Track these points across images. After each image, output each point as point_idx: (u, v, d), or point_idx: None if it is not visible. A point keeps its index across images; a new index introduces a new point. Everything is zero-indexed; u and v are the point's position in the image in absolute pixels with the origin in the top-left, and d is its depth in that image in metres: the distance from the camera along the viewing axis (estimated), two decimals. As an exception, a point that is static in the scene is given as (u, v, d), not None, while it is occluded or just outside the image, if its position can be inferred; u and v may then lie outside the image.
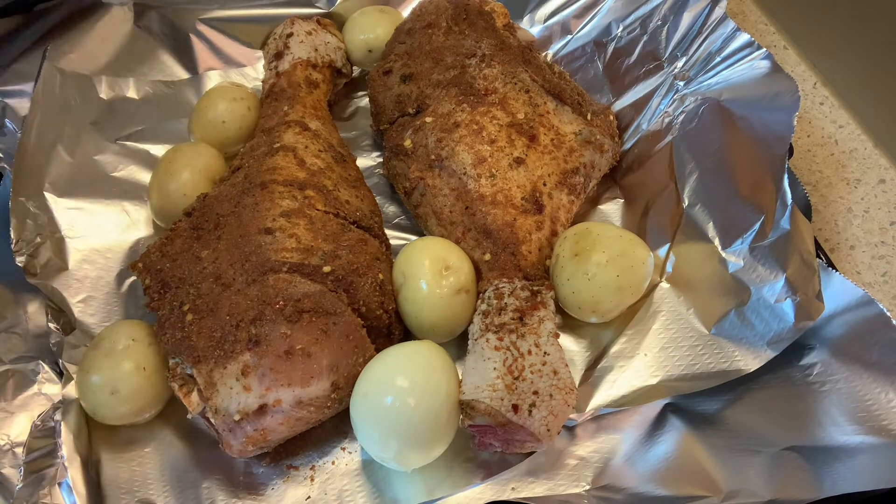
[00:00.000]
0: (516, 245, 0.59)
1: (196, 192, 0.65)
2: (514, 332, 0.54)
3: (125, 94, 0.78)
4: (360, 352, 0.54)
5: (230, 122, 0.71)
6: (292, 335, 0.52)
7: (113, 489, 0.55)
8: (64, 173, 0.70)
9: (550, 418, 0.50)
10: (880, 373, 0.50)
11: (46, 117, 0.70)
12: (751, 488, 0.48)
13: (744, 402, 0.53)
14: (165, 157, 0.68)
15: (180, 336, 0.53)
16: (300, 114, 0.69)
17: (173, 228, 0.61)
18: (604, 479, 0.51)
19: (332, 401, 0.53)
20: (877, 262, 0.65)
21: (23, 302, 0.63)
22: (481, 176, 0.62)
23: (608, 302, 0.58)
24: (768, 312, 0.53)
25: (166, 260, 0.58)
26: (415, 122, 0.66)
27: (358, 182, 0.68)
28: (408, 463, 0.52)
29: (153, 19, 0.80)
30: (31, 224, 0.65)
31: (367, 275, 0.57)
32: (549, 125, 0.65)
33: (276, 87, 0.73)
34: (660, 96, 0.70)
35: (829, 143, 0.74)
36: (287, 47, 0.75)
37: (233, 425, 0.51)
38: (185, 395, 0.52)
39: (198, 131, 0.72)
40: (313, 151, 0.66)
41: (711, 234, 0.59)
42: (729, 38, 0.66)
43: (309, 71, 0.74)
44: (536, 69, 0.69)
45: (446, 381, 0.52)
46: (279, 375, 0.51)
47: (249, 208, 0.59)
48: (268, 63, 0.76)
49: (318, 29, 0.77)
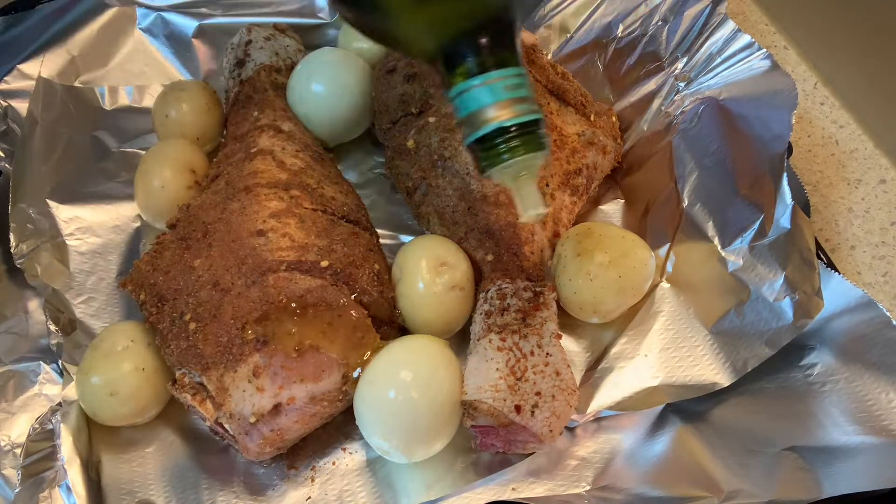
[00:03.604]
0: (519, 246, 0.59)
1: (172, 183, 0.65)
2: (517, 332, 0.54)
3: (127, 102, 0.78)
4: (367, 342, 0.54)
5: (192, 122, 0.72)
6: (299, 331, 0.52)
7: (113, 490, 0.55)
8: (66, 181, 0.70)
9: (553, 419, 0.51)
10: (881, 373, 0.50)
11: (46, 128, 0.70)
12: (751, 488, 0.48)
13: (744, 402, 0.53)
14: None
15: (185, 346, 0.53)
16: (271, 117, 0.69)
17: (159, 242, 0.60)
18: (604, 479, 0.51)
19: (344, 393, 0.53)
20: (877, 262, 0.65)
21: (23, 302, 0.63)
22: (483, 176, 0.62)
23: (610, 302, 0.58)
24: (767, 311, 0.53)
25: (158, 273, 0.57)
26: (418, 121, 0.66)
27: (339, 178, 0.68)
28: (409, 455, 0.52)
29: (156, 23, 0.80)
30: (32, 228, 0.65)
31: (364, 266, 0.58)
32: (553, 126, 0.65)
33: (242, 95, 0.73)
34: (660, 97, 0.70)
35: (829, 143, 0.74)
36: (248, 54, 0.75)
37: (249, 428, 0.51)
38: (199, 402, 0.52)
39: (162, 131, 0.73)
40: (291, 152, 0.66)
41: (711, 234, 0.59)
42: (729, 40, 0.66)
43: (274, 75, 0.74)
44: (540, 70, 0.69)
45: (450, 377, 0.52)
46: (291, 372, 0.51)
47: (237, 213, 0.59)
48: (229, 73, 0.76)
49: (276, 34, 0.77)
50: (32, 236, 0.65)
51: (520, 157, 0.46)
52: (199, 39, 0.81)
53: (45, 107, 0.71)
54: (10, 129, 0.71)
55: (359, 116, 0.72)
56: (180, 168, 0.66)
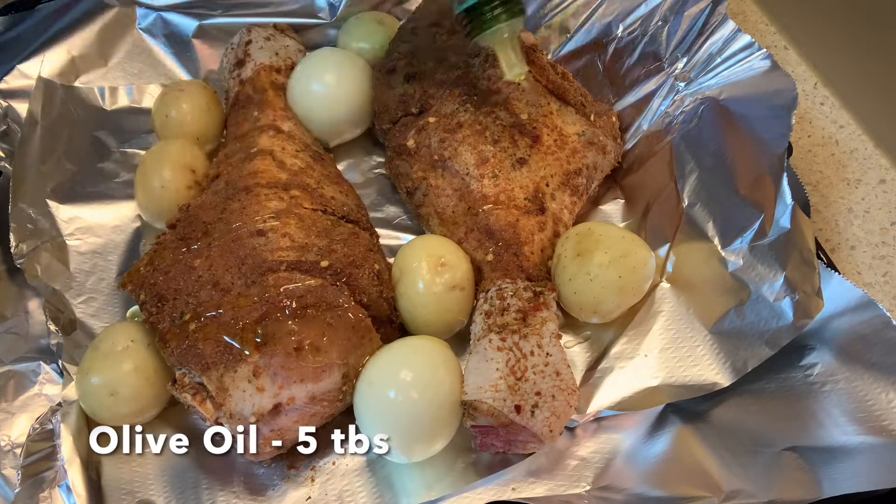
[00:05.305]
0: (519, 246, 0.59)
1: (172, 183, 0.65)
2: (517, 332, 0.54)
3: (127, 102, 0.78)
4: (367, 342, 0.54)
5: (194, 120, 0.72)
6: (299, 331, 0.52)
7: (113, 490, 0.55)
8: (66, 181, 0.70)
9: (553, 419, 0.51)
10: (881, 373, 0.50)
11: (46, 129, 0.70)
12: (751, 488, 0.48)
13: (744, 403, 0.53)
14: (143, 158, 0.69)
15: (185, 346, 0.52)
16: (271, 117, 0.69)
17: (159, 242, 0.60)
18: (604, 479, 0.51)
19: (344, 393, 0.53)
20: (877, 262, 0.65)
21: (23, 302, 0.63)
22: (484, 176, 0.62)
23: (610, 303, 0.58)
24: (767, 311, 0.53)
25: (158, 273, 0.57)
26: (418, 121, 0.66)
27: (339, 178, 0.68)
28: (409, 454, 0.52)
29: (156, 23, 0.80)
30: (32, 228, 0.65)
31: (364, 266, 0.58)
32: (553, 126, 0.65)
33: (242, 95, 0.73)
34: (660, 97, 0.70)
35: (829, 143, 0.74)
36: (248, 55, 0.75)
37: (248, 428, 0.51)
38: (199, 402, 0.52)
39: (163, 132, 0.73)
40: (291, 152, 0.66)
41: (711, 234, 0.59)
42: (729, 40, 0.65)
43: (274, 75, 0.74)
44: (540, 70, 0.69)
45: (450, 377, 0.52)
46: (291, 373, 0.51)
47: (237, 213, 0.59)
48: (229, 73, 0.76)
49: (276, 34, 0.77)
50: (32, 236, 0.65)
51: (503, 22, 0.57)
52: (199, 39, 0.80)
53: (45, 107, 0.71)
54: (10, 129, 0.71)
55: (359, 116, 0.72)
56: (180, 168, 0.66)
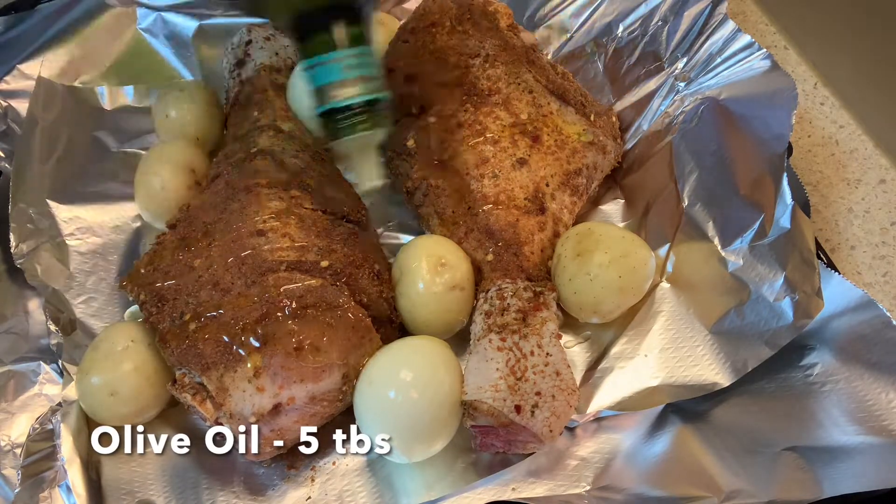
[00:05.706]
0: (519, 245, 0.59)
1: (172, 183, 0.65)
2: (517, 332, 0.54)
3: (127, 102, 0.78)
4: (367, 342, 0.54)
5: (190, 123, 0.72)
6: (299, 331, 0.52)
7: (113, 490, 0.55)
8: (66, 181, 0.70)
9: (553, 419, 0.51)
10: (881, 373, 0.50)
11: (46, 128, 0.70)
12: (751, 488, 0.48)
13: (744, 403, 0.53)
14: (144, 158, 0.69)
15: (185, 346, 0.53)
16: (271, 117, 0.69)
17: (159, 242, 0.60)
18: (604, 479, 0.51)
19: (344, 393, 0.53)
20: (877, 262, 0.65)
21: (23, 302, 0.63)
22: (484, 176, 0.62)
23: (610, 303, 0.58)
24: (767, 311, 0.53)
25: (158, 274, 0.57)
26: (418, 121, 0.66)
27: (339, 178, 0.68)
28: (409, 454, 0.52)
29: (156, 23, 0.80)
30: (32, 228, 0.65)
31: (364, 266, 0.58)
32: (553, 126, 0.65)
33: (242, 95, 0.73)
34: (660, 97, 0.70)
35: (829, 143, 0.74)
36: (248, 55, 0.75)
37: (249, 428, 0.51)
38: (199, 402, 0.52)
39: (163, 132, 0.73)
40: (291, 152, 0.66)
41: (711, 234, 0.59)
42: (729, 40, 0.65)
43: (274, 75, 0.74)
44: (540, 70, 0.69)
45: (450, 377, 0.52)
46: (291, 373, 0.51)
47: (237, 213, 0.59)
48: (229, 73, 0.76)
49: (276, 34, 0.76)
50: (32, 236, 0.65)
51: (361, 132, 0.53)
52: (199, 39, 0.80)
53: (45, 107, 0.72)
54: (10, 129, 0.71)
55: None
56: (180, 168, 0.66)
